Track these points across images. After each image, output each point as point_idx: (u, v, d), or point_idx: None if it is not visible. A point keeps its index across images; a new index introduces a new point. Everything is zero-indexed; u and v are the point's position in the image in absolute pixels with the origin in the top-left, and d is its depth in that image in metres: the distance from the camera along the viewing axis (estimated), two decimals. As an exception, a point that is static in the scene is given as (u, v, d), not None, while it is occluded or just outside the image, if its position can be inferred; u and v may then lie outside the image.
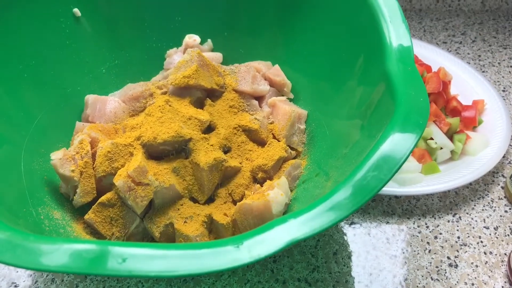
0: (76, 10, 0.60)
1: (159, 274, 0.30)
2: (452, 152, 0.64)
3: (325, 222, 0.34)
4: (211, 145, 0.54)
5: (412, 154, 0.62)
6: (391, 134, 0.38)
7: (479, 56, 0.80)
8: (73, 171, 0.51)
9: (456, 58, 0.75)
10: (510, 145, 0.67)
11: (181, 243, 0.33)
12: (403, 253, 0.55)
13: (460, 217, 0.59)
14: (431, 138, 0.63)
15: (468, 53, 0.81)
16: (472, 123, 0.67)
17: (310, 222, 0.34)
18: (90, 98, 0.59)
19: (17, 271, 0.54)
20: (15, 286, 0.52)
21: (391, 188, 0.58)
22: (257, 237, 0.34)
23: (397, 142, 0.38)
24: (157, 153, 0.53)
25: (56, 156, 0.52)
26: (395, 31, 0.48)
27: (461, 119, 0.67)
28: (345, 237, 0.56)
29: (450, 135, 0.65)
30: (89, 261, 0.30)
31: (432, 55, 0.76)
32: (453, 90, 0.72)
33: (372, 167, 0.37)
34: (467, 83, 0.73)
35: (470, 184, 0.62)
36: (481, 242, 0.56)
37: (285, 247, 0.33)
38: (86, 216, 0.51)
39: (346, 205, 0.35)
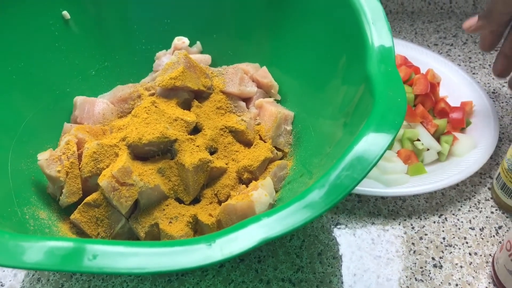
0: (65, 12, 0.61)
1: (130, 271, 0.31)
2: (439, 153, 0.64)
3: (298, 221, 0.35)
4: (197, 146, 0.54)
5: (399, 155, 0.63)
6: (366, 133, 0.39)
7: (470, 58, 0.80)
8: (59, 171, 0.52)
9: (446, 60, 0.76)
10: (497, 146, 0.67)
11: (155, 241, 0.34)
12: (388, 253, 0.55)
13: (446, 218, 0.59)
14: (418, 139, 0.64)
15: (459, 55, 0.81)
16: (459, 125, 0.67)
17: (283, 220, 0.35)
18: (78, 99, 0.60)
19: (4, 270, 0.54)
20: (1, 285, 0.53)
21: (376, 189, 0.58)
22: (230, 235, 0.34)
23: (371, 142, 0.38)
24: (142, 153, 0.53)
25: (42, 156, 0.53)
26: (377, 32, 0.49)
27: (449, 121, 0.67)
28: (330, 237, 0.57)
29: (437, 136, 0.65)
30: (61, 258, 0.31)
31: (422, 56, 0.76)
32: (442, 92, 0.72)
33: (346, 166, 0.37)
34: (456, 84, 0.73)
35: (457, 185, 0.62)
36: (466, 243, 0.56)
37: (257, 245, 0.33)
38: (72, 216, 0.51)
39: (319, 204, 0.35)
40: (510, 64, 0.63)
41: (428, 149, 0.64)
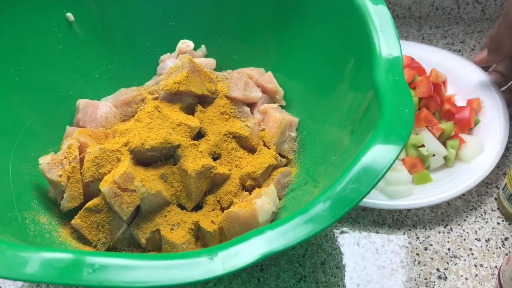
0: (69, 14, 0.61)
1: (130, 285, 0.30)
2: (445, 158, 0.63)
3: (302, 235, 0.34)
4: (200, 152, 0.54)
5: (404, 163, 0.62)
6: (373, 145, 0.38)
7: (478, 64, 0.79)
8: (60, 176, 0.51)
9: (455, 55, 0.74)
10: (504, 156, 0.66)
11: (155, 254, 0.33)
12: (392, 264, 0.55)
13: (451, 229, 0.58)
14: (423, 145, 0.63)
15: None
16: (467, 126, 0.65)
17: (286, 234, 0.34)
18: (81, 102, 0.60)
19: (4, 275, 0.54)
20: (1, 290, 0.52)
21: (380, 201, 0.57)
22: (232, 248, 0.33)
23: (378, 154, 0.37)
24: (145, 159, 0.53)
25: (44, 160, 0.52)
26: (385, 40, 0.48)
27: (456, 122, 0.65)
28: (333, 246, 0.56)
29: (444, 140, 0.64)
30: (59, 270, 0.30)
31: (429, 54, 0.75)
32: (451, 89, 0.70)
33: (352, 179, 0.36)
34: (466, 80, 0.71)
35: (463, 195, 0.62)
36: (472, 254, 0.56)
37: (260, 259, 0.33)
38: (72, 221, 0.51)
39: (324, 217, 0.34)
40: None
41: (434, 155, 0.63)
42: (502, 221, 0.59)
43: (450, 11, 0.87)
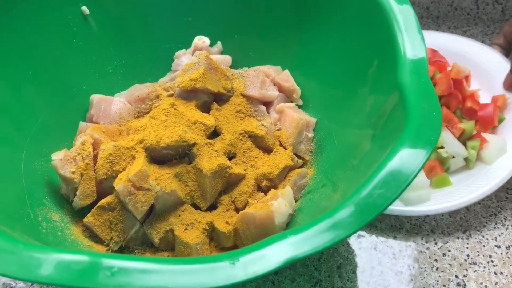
0: (84, 8, 0.60)
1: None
2: (466, 159, 0.61)
3: (326, 241, 0.33)
4: (215, 151, 0.52)
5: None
6: (401, 149, 0.36)
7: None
8: (73, 172, 0.50)
9: (483, 45, 0.71)
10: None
11: (175, 258, 0.32)
12: (410, 269, 0.53)
13: (470, 234, 0.57)
14: (442, 147, 0.61)
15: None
16: (490, 124, 0.62)
17: (310, 240, 0.33)
18: (95, 98, 0.59)
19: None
20: (11, 286, 0.51)
21: (395, 207, 0.56)
22: (254, 253, 0.32)
23: (406, 158, 0.36)
24: (159, 157, 0.52)
25: (57, 156, 0.51)
26: (410, 41, 0.47)
27: (478, 120, 0.63)
28: (350, 250, 0.55)
29: (464, 140, 0.62)
30: (77, 273, 0.29)
31: (454, 44, 0.72)
32: (475, 84, 0.67)
33: (379, 184, 0.35)
34: (491, 74, 0.68)
35: (483, 200, 0.60)
36: (492, 261, 0.54)
37: (282, 265, 0.32)
38: (85, 219, 0.50)
39: (349, 223, 0.33)
40: None
41: (453, 157, 0.61)
42: (523, 228, 0.57)
43: (469, 11, 0.85)
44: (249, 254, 0.32)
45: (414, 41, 0.47)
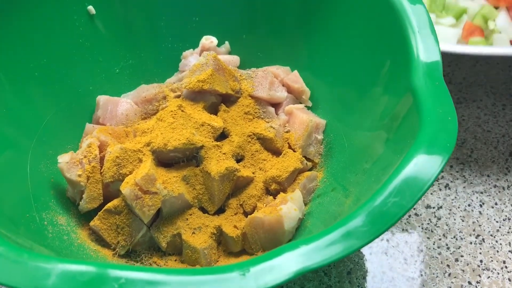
0: (90, 7, 0.59)
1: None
2: None
3: (339, 251, 0.32)
4: (223, 154, 0.52)
5: (464, 26, 0.56)
6: (416, 155, 0.35)
7: (509, 66, 0.76)
8: (80, 175, 0.50)
9: None
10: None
11: (184, 269, 0.31)
12: (422, 275, 0.52)
13: (483, 239, 0.56)
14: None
15: (498, 63, 0.77)
16: None
17: (323, 250, 0.32)
18: (101, 99, 0.58)
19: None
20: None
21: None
22: (265, 263, 0.31)
23: (422, 165, 0.35)
24: (167, 159, 0.51)
25: (63, 159, 0.51)
26: (423, 42, 0.46)
27: None
28: (360, 255, 0.54)
29: None
30: (83, 284, 0.28)
31: None
32: None
33: (394, 192, 0.34)
34: None
35: (496, 203, 0.59)
36: (506, 267, 0.53)
37: (294, 276, 0.31)
38: (91, 223, 0.49)
39: (363, 233, 0.32)
40: None
41: (500, 32, 0.57)
42: (537, 233, 0.56)
43: None
44: (260, 265, 0.31)
45: (427, 43, 0.46)
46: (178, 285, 0.29)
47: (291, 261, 0.32)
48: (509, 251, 0.55)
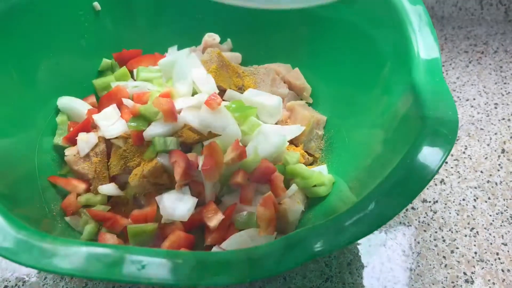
0: (96, 3, 0.59)
1: (175, 283, 0.29)
2: None
3: (346, 238, 0.33)
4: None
5: None
6: (420, 149, 0.37)
7: (501, 67, 0.79)
8: (87, 168, 0.50)
9: None
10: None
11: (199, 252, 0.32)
12: (419, 266, 0.54)
13: (477, 232, 0.57)
14: None
15: (490, 64, 0.79)
16: None
17: (331, 236, 0.33)
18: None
19: (27, 267, 0.53)
20: (24, 282, 0.51)
21: None
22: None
23: (426, 157, 0.36)
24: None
25: (70, 152, 0.52)
26: (423, 40, 0.47)
27: None
28: (360, 247, 0.55)
29: None
30: (107, 265, 0.29)
31: None
32: None
33: (398, 182, 0.35)
34: None
35: (489, 198, 0.61)
36: (499, 259, 0.55)
37: (307, 259, 0.32)
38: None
39: (371, 220, 0.34)
40: None
41: None
42: (529, 226, 0.58)
43: (473, 11, 0.86)
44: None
45: (427, 41, 0.47)
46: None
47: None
48: (502, 243, 0.56)
